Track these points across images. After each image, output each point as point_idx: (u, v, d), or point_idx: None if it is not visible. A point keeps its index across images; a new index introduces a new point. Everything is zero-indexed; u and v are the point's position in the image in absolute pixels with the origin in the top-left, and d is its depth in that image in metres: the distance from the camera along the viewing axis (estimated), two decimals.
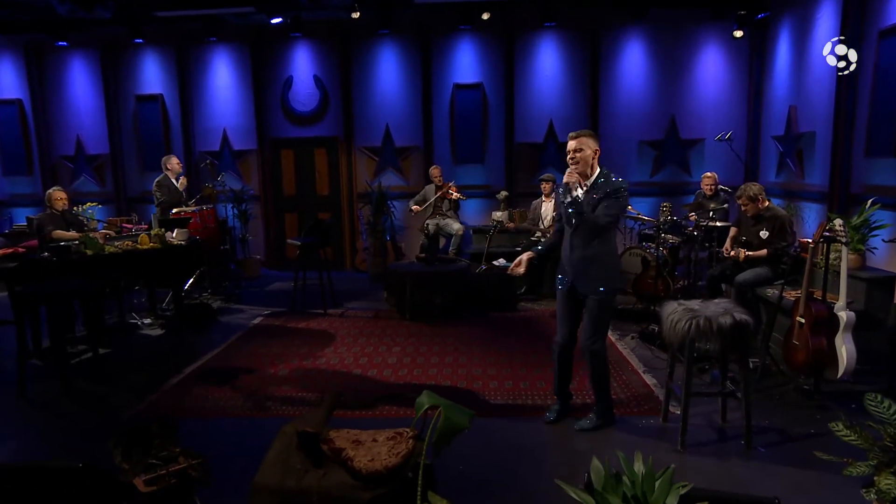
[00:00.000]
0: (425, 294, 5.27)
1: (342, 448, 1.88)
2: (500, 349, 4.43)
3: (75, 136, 7.89)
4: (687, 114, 7.30)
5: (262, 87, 7.67)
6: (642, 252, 5.54)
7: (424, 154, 7.66)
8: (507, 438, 3.02)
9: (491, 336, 4.78)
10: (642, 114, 7.35)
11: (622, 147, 7.40)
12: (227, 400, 3.54)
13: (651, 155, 7.46)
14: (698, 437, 3.00)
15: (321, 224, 5.81)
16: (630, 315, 5.23)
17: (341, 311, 5.65)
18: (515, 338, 4.72)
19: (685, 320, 2.81)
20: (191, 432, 3.12)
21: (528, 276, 6.13)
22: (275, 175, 7.87)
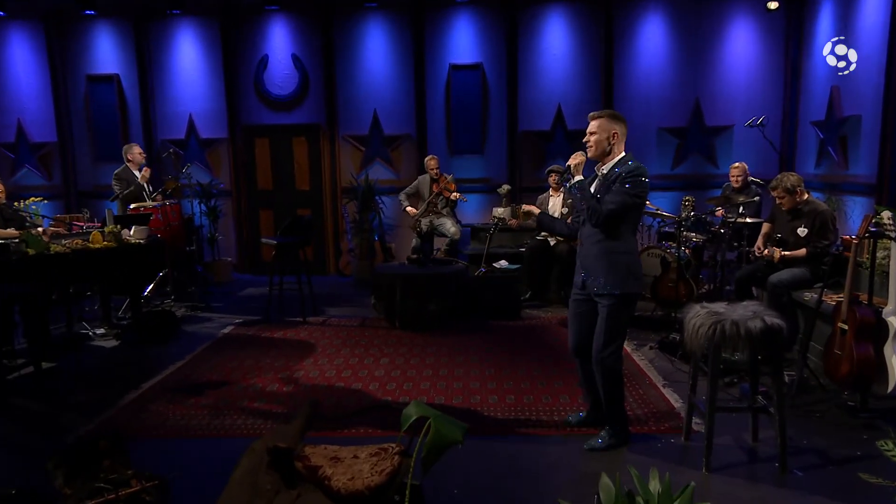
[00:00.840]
0: (417, 300, 5.27)
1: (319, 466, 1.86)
2: (500, 361, 4.44)
3: (16, 121, 7.83)
4: (713, 97, 7.34)
5: (234, 68, 7.68)
6: (662, 252, 5.55)
7: (417, 143, 7.68)
8: (506, 458, 3.02)
9: (491, 346, 4.80)
10: (662, 98, 7.38)
11: (640, 135, 7.42)
12: (191, 418, 3.52)
13: (672, 144, 7.48)
14: (725, 459, 2.99)
15: (300, 221, 5.80)
16: (648, 323, 5.24)
17: (323, 320, 5.66)
18: (518, 348, 4.74)
19: (709, 325, 2.80)
20: (148, 454, 3.09)
21: (533, 280, 6.13)
22: (248, 167, 7.87)
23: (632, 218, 2.91)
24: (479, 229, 7.15)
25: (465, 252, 6.86)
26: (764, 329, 2.77)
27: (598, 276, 2.93)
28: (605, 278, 2.90)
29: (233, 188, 7.90)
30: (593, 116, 2.96)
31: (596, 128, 2.92)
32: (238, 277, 7.80)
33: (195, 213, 6.95)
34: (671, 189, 7.46)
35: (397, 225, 7.82)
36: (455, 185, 6.85)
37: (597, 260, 2.93)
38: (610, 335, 2.93)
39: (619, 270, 2.90)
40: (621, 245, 2.91)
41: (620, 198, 2.82)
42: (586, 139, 2.95)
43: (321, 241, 7.96)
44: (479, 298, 5.65)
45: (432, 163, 6.80)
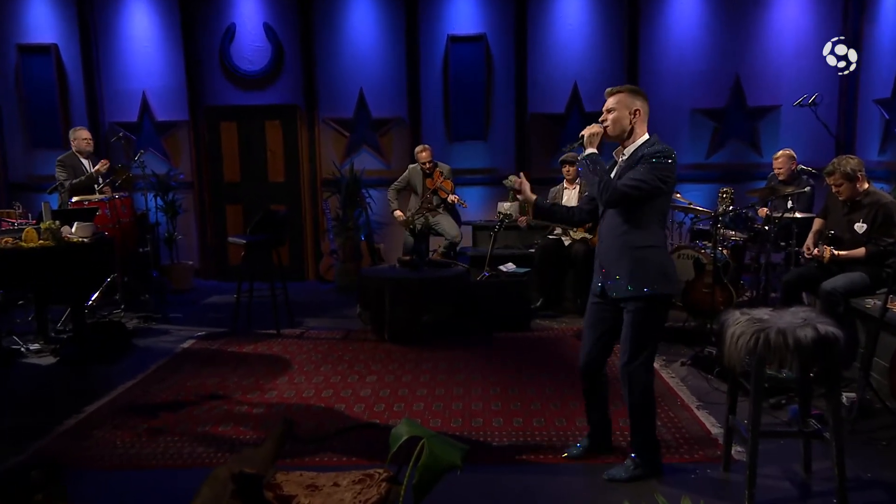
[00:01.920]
0: (410, 308, 5.27)
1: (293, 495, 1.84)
2: (506, 379, 4.45)
3: None
4: (756, 73, 7.37)
5: (195, 39, 7.69)
6: (695, 253, 5.55)
7: (410, 128, 7.68)
8: (513, 491, 3.01)
9: (495, 362, 4.81)
10: (696, 73, 7.41)
11: (670, 117, 7.44)
12: (143, 446, 3.51)
13: (708, 128, 7.50)
14: (772, 492, 2.97)
15: (274, 218, 5.80)
16: (679, 335, 5.23)
17: (300, 332, 5.67)
18: (527, 364, 4.75)
19: (750, 334, 2.78)
20: (89, 488, 3.07)
21: (544, 286, 6.12)
22: (213, 155, 7.87)
23: (658, 207, 2.90)
24: (482, 227, 7.16)
25: (466, 253, 6.86)
26: (816, 339, 2.74)
27: (622, 276, 2.91)
28: (630, 278, 2.88)
29: (194, 179, 7.89)
30: (611, 91, 2.98)
31: (615, 104, 2.94)
32: (201, 284, 7.79)
33: (150, 209, 6.93)
34: (706, 180, 7.47)
35: (387, 222, 7.81)
36: (452, 184, 6.83)
37: (620, 256, 2.92)
38: (638, 344, 2.91)
39: (646, 268, 2.88)
40: (648, 238, 2.89)
41: (641, 177, 2.81)
42: (603, 118, 2.97)
43: (298, 241, 7.94)
44: (481, 307, 5.65)
45: (424, 154, 6.78)
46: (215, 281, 7.91)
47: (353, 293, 6.54)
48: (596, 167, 2.90)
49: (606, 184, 2.86)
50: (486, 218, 7.52)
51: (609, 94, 2.98)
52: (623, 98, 2.93)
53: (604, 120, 2.96)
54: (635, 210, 2.88)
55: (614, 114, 2.93)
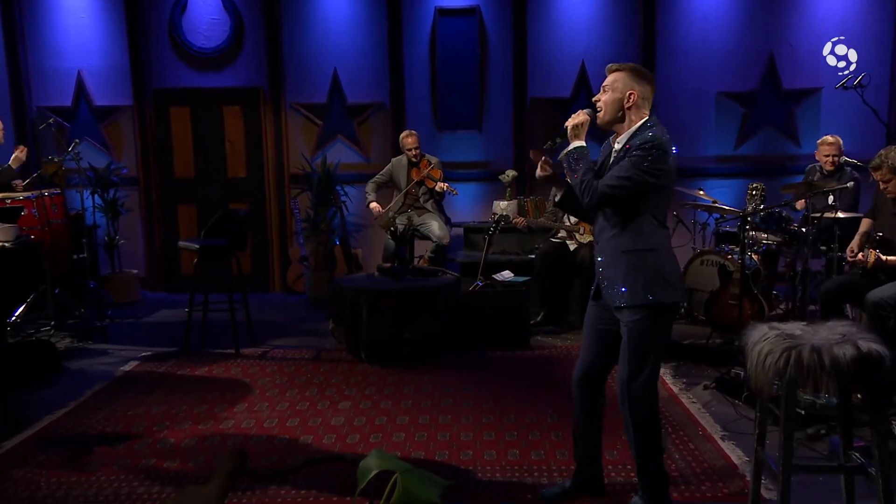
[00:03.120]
0: (391, 324, 5.25)
1: None
2: (501, 404, 4.45)
3: None
4: (794, 51, 7.40)
5: (140, 10, 7.66)
6: (721, 259, 5.56)
7: (392, 115, 7.68)
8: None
9: (489, 385, 4.80)
10: (724, 52, 7.44)
11: (692, 102, 7.47)
12: (73, 487, 3.46)
13: (736, 114, 7.53)
14: None
15: (233, 218, 5.78)
16: (702, 354, 5.22)
17: (262, 352, 5.66)
18: (526, 388, 4.74)
19: (780, 352, 2.76)
20: None
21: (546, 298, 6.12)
22: (162, 146, 7.85)
23: (654, 204, 2.90)
24: (475, 230, 7.15)
25: (457, 260, 6.85)
26: (857, 358, 2.72)
27: (616, 282, 2.92)
28: (626, 285, 2.88)
29: (140, 174, 7.85)
30: (613, 68, 2.97)
31: (612, 82, 2.93)
32: (147, 296, 7.73)
33: (86, 209, 6.87)
34: (734, 175, 7.49)
35: (365, 224, 7.79)
36: (441, 173, 6.84)
37: (613, 261, 2.93)
38: (638, 361, 2.90)
39: (644, 274, 2.87)
40: (643, 239, 2.89)
41: (626, 173, 2.80)
42: (597, 97, 2.96)
43: (262, 246, 7.91)
44: (473, 321, 5.64)
45: (410, 140, 6.80)
46: (164, 293, 7.85)
47: (325, 306, 6.49)
48: (579, 164, 2.89)
49: (587, 184, 2.85)
50: (480, 219, 7.52)
51: (610, 70, 2.98)
52: (623, 78, 2.92)
53: (597, 100, 2.95)
54: (625, 209, 2.88)
55: (609, 94, 2.92)
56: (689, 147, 7.47)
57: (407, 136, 6.83)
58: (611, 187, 2.82)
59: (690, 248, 6.45)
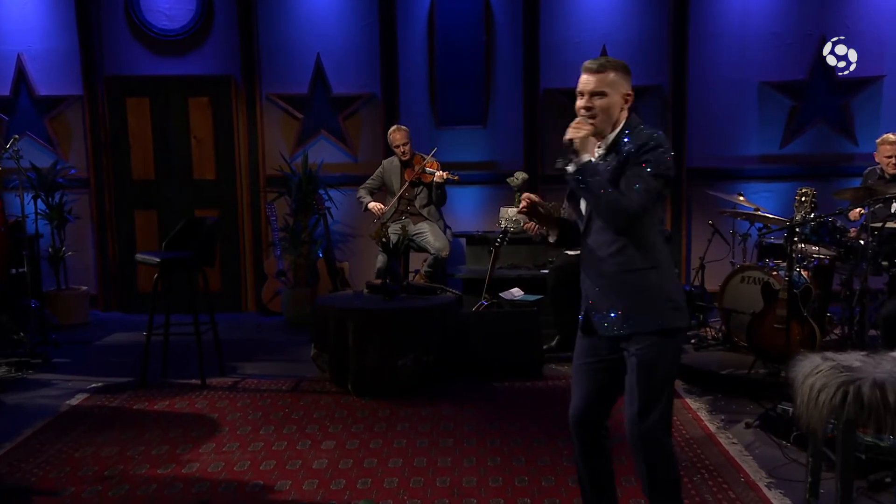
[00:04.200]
0: (382, 349, 5.23)
1: None
2: (510, 445, 4.42)
3: None
4: (850, 33, 7.37)
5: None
6: (765, 275, 5.53)
7: (384, 108, 7.67)
8: None
9: (495, 422, 4.78)
10: (768, 35, 7.44)
11: (730, 93, 7.47)
12: None
13: (782, 107, 7.53)
14: None
15: (199, 228, 5.76)
16: (743, 387, 5.19)
17: (233, 381, 5.64)
18: (538, 425, 4.72)
19: (835, 387, 2.75)
20: None
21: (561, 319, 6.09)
22: (117, 142, 7.83)
23: (656, 213, 2.91)
24: (480, 240, 7.14)
25: (458, 275, 6.83)
26: None
27: (615, 308, 2.90)
28: (630, 311, 2.87)
29: (91, 175, 7.84)
30: (597, 66, 2.88)
31: (606, 85, 2.86)
32: (99, 317, 7.71)
33: (28, 216, 6.85)
34: (780, 178, 7.48)
35: (353, 233, 7.77)
36: (438, 164, 6.85)
37: (613, 283, 2.91)
38: (649, 395, 2.88)
39: (649, 295, 2.87)
40: (651, 256, 2.88)
41: (646, 184, 2.80)
42: (586, 103, 2.88)
43: (233, 259, 7.89)
44: (478, 347, 5.63)
45: (398, 136, 6.80)
46: (118, 313, 7.82)
47: (306, 329, 6.47)
48: (598, 179, 2.81)
49: (613, 203, 2.79)
50: (485, 228, 7.50)
51: (593, 69, 2.88)
52: (614, 78, 2.87)
53: (589, 108, 2.87)
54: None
55: (603, 100, 2.85)
56: (727, 146, 7.46)
57: (394, 131, 6.83)
58: (641, 203, 2.78)
59: (729, 263, 6.43)
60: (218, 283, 7.74)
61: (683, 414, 4.79)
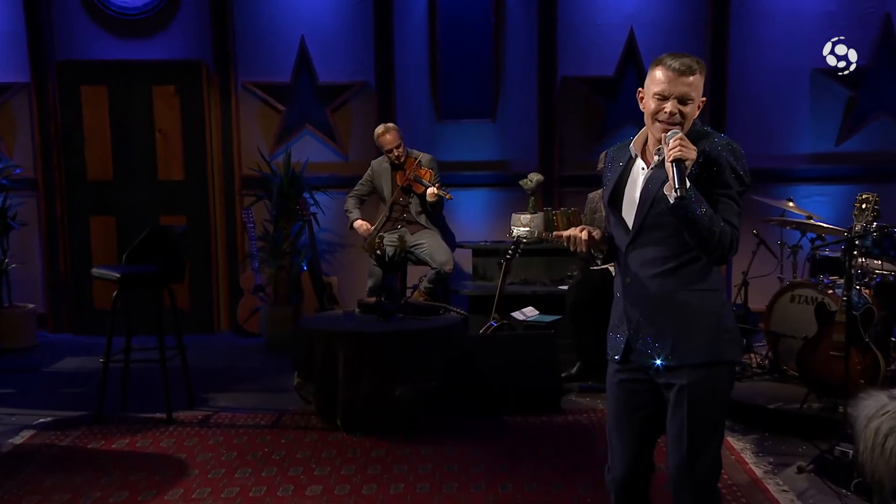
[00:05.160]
0: (376, 378, 5.22)
1: None
2: (524, 491, 4.40)
3: None
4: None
5: None
6: (819, 294, 5.52)
7: (378, 99, 7.68)
8: None
9: (506, 464, 4.75)
10: (822, 15, 7.43)
11: (778, 82, 7.47)
12: None
13: (839, 98, 7.52)
14: None
15: (165, 237, 5.76)
16: (793, 424, 5.16)
17: (204, 415, 5.62)
18: (556, 467, 4.70)
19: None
20: None
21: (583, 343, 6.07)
22: (70, 137, 7.82)
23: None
24: (488, 252, 7.13)
25: (463, 292, 6.82)
26: None
27: (662, 334, 2.90)
28: (679, 338, 2.87)
29: (39, 176, 7.84)
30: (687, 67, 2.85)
31: (694, 90, 2.85)
32: (48, 339, 7.70)
33: None
34: (836, 179, 7.48)
35: (343, 243, 7.77)
36: (432, 173, 6.78)
37: (660, 306, 2.91)
38: (702, 437, 2.89)
39: (703, 324, 2.88)
40: (707, 276, 2.90)
41: (738, 205, 2.87)
42: (671, 109, 2.84)
43: (204, 273, 7.88)
44: (486, 376, 5.61)
45: (388, 138, 6.78)
46: (71, 335, 7.79)
47: (288, 353, 6.41)
48: (704, 209, 2.76)
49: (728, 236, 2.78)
50: (494, 237, 7.48)
51: (682, 70, 2.84)
52: (701, 81, 2.88)
53: (672, 114, 2.83)
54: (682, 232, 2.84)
55: (690, 106, 2.85)
56: (774, 143, 7.45)
57: (383, 133, 6.78)
58: (734, 234, 2.81)
59: (776, 279, 6.41)
60: (187, 300, 7.72)
61: (725, 455, 4.73)
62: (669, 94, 2.83)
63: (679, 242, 2.87)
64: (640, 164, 2.96)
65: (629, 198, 2.96)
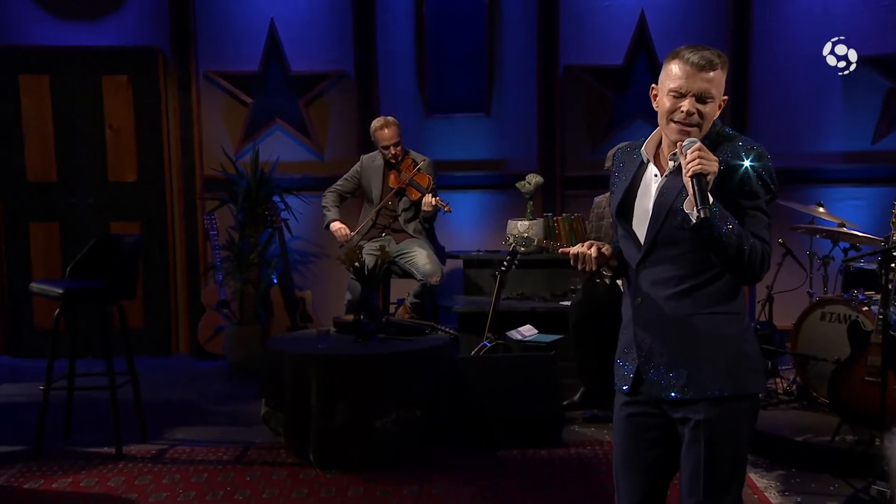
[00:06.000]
0: (354, 407, 5.22)
1: None
2: None
3: None
4: None
5: None
6: (852, 311, 5.53)
7: (358, 90, 7.72)
8: None
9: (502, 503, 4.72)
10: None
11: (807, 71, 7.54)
12: None
13: (876, 89, 7.56)
14: None
15: (115, 246, 5.76)
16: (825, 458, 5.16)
17: (159, 450, 5.62)
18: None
19: None
20: None
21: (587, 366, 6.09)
22: (6, 133, 7.86)
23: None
24: (481, 263, 7.16)
25: (453, 308, 6.83)
26: None
27: (677, 362, 2.89)
28: (696, 368, 2.87)
29: None
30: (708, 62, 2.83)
31: (715, 87, 2.85)
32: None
33: None
34: (872, 181, 7.51)
35: (317, 253, 7.78)
36: (431, 179, 6.81)
37: (676, 331, 2.90)
38: (718, 481, 2.89)
39: (723, 351, 2.87)
40: (727, 298, 2.91)
41: (768, 217, 2.86)
42: (688, 108, 2.83)
43: (160, 288, 7.91)
44: (478, 404, 5.61)
45: (387, 133, 6.79)
46: (7, 357, 7.84)
47: (254, 378, 6.40)
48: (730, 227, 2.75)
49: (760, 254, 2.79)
50: (488, 246, 7.49)
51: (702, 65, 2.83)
52: (722, 77, 2.87)
53: (689, 113, 2.82)
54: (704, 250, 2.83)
55: (710, 105, 2.84)
56: (802, 140, 7.49)
57: (382, 126, 6.79)
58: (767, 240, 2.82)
59: (805, 294, 6.43)
60: (140, 318, 7.74)
61: (747, 494, 4.72)
62: (687, 91, 2.82)
63: (697, 259, 2.86)
64: (653, 171, 2.94)
65: (640, 209, 2.95)
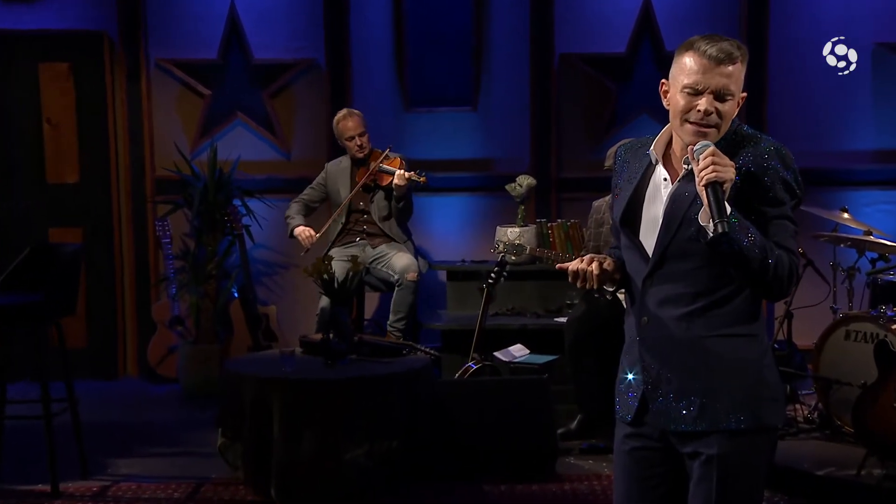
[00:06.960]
0: (321, 437, 5.23)
1: None
2: None
3: None
4: None
5: None
6: (880, 329, 5.55)
7: (329, 80, 7.77)
8: None
9: None
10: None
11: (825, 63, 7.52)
12: None
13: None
14: None
15: (53, 256, 5.81)
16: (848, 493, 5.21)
17: (102, 486, 5.63)
18: None
19: None
20: None
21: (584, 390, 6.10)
22: None
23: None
24: (466, 274, 7.20)
25: (435, 325, 6.87)
26: None
27: (687, 390, 2.89)
28: (708, 396, 2.87)
29: None
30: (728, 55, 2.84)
31: (734, 83, 2.85)
32: None
33: None
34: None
35: (283, 263, 7.79)
36: (401, 160, 6.87)
37: (686, 355, 2.91)
38: None
39: (739, 378, 2.87)
40: (746, 321, 2.90)
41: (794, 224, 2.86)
42: (705, 107, 2.83)
43: (105, 303, 7.90)
44: (462, 433, 5.63)
45: (350, 124, 6.87)
46: None
47: (211, 404, 6.44)
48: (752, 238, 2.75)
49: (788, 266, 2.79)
50: (474, 256, 7.50)
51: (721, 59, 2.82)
52: (742, 72, 2.87)
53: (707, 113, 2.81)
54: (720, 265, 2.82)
55: (729, 103, 2.84)
56: (825, 137, 7.52)
57: (344, 117, 6.87)
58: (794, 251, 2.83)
59: (828, 310, 6.44)
60: (82, 337, 7.72)
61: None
62: (704, 87, 2.81)
63: (712, 275, 2.85)
64: (663, 174, 2.93)
65: (648, 217, 2.94)
